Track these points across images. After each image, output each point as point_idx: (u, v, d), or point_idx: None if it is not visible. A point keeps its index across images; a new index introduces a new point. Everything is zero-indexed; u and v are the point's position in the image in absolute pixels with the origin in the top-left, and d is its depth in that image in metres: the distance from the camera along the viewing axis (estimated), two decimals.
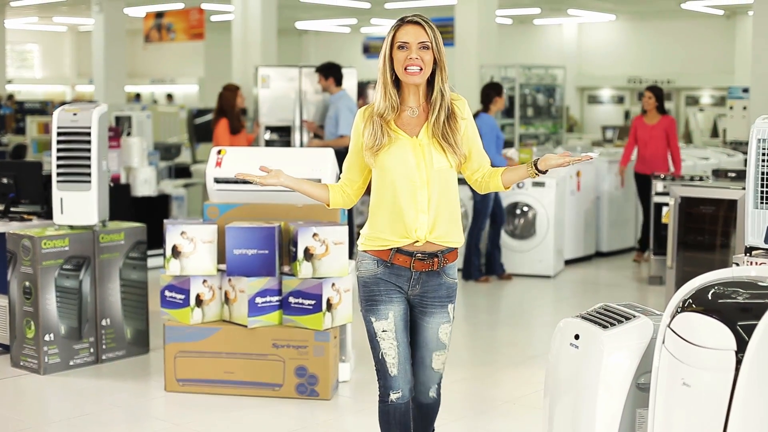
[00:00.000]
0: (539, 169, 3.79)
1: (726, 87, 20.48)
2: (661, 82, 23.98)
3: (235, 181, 6.01)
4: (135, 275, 6.68)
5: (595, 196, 10.94)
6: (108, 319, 6.53)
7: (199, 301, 5.81)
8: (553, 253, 9.86)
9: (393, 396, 3.81)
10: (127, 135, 11.15)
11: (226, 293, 5.85)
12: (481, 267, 9.65)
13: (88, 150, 6.37)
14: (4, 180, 7.07)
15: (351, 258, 6.12)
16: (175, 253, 5.76)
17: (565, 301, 9.16)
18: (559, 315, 8.43)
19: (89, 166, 6.38)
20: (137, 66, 27.35)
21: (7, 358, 6.53)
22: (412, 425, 3.88)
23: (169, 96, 27.33)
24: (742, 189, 7.22)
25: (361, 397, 5.87)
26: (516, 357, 6.97)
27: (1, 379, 6.26)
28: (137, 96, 27.30)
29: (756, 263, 5.04)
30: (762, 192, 5.08)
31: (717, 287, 3.26)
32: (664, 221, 8.90)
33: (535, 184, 9.83)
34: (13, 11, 22.52)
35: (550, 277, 9.84)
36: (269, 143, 10.93)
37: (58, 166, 6.41)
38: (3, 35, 22.09)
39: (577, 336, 3.64)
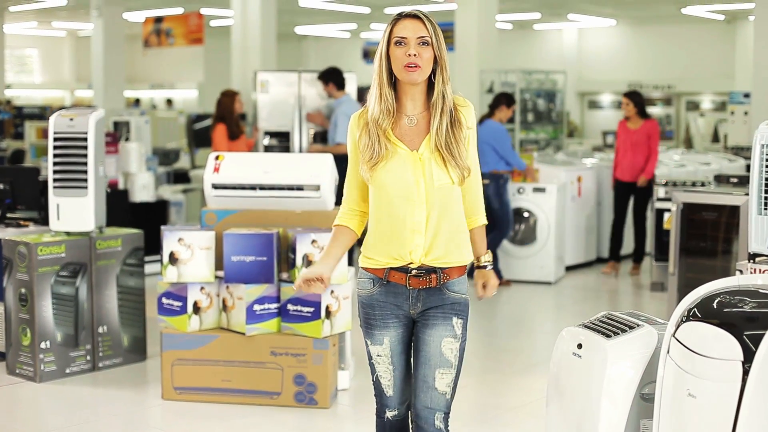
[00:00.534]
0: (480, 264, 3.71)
1: (726, 92, 20.44)
2: (662, 87, 23.98)
3: (234, 187, 5.96)
4: (132, 282, 6.62)
5: (596, 201, 10.88)
6: (105, 327, 6.46)
7: (196, 309, 5.75)
8: (553, 259, 9.81)
9: (389, 414, 3.63)
10: (126, 140, 11.09)
11: (223, 300, 5.79)
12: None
13: (85, 155, 6.31)
14: (1, 185, 7.02)
15: (350, 265, 6.06)
16: (173, 259, 5.70)
17: (567, 307, 9.10)
18: (561, 322, 8.43)
19: (86, 172, 6.32)
20: (136, 71, 27.31)
21: (2, 365, 6.48)
22: None
23: (169, 101, 27.29)
24: (745, 195, 7.19)
25: (360, 405, 5.80)
26: (518, 365, 6.91)
27: None
28: (136, 101, 27.27)
29: (760, 270, 4.97)
30: (766, 198, 5.01)
31: (723, 296, 3.21)
32: (665, 227, 8.84)
33: (536, 190, 9.78)
34: (12, 16, 22.49)
35: (550, 283, 9.78)
36: (268, 148, 10.88)
37: (55, 172, 6.35)
38: (2, 40, 22.04)
39: (580, 345, 3.59)
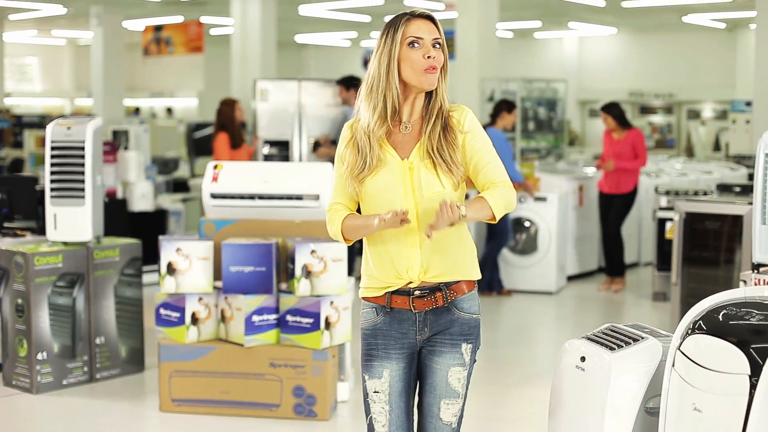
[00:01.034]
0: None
1: (728, 100, 20.43)
2: (663, 96, 23.95)
3: (232, 197, 5.91)
4: (130, 292, 6.56)
5: (598, 210, 10.81)
6: (102, 337, 6.40)
7: (194, 320, 5.69)
8: (555, 269, 9.75)
9: None
10: (125, 149, 11.04)
11: (222, 311, 5.73)
12: (490, 281, 9.53)
13: (82, 165, 6.26)
14: None
15: (350, 275, 6.00)
16: (171, 270, 5.65)
17: (568, 318, 9.04)
18: (562, 332, 8.37)
19: (83, 181, 6.27)
20: (136, 80, 27.28)
21: None
22: None
23: (169, 110, 27.26)
24: (748, 204, 7.14)
25: (359, 417, 5.73)
26: (519, 376, 6.85)
27: None
28: (136, 110, 27.24)
29: (764, 281, 4.91)
30: None
31: (728, 308, 3.16)
32: (667, 236, 8.79)
33: (537, 199, 9.73)
34: (12, 24, 22.46)
35: (552, 293, 9.72)
36: (268, 157, 10.83)
37: (52, 181, 6.30)
38: (2, 49, 22.03)
39: (583, 358, 3.52)
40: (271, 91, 10.87)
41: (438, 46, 3.17)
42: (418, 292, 3.19)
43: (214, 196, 5.97)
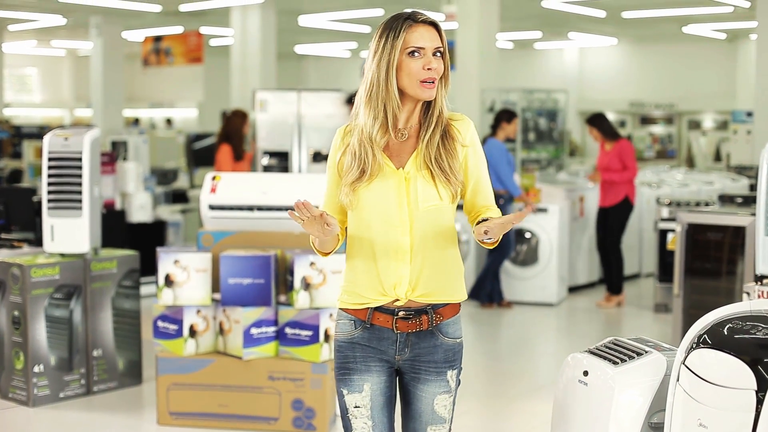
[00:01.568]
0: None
1: (728, 111, 20.41)
2: (663, 106, 23.92)
3: (231, 208, 5.86)
4: (128, 304, 6.50)
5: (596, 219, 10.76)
6: (99, 350, 6.35)
7: (192, 332, 5.64)
8: (556, 280, 9.70)
9: None
10: (123, 160, 11.00)
11: (220, 324, 5.68)
12: (491, 293, 9.48)
13: (80, 176, 6.21)
14: None
15: None
16: (168, 282, 5.60)
17: (569, 329, 8.99)
18: (564, 344, 8.32)
19: (80, 192, 6.22)
20: (136, 90, 27.25)
21: None
22: None
23: (168, 121, 27.23)
24: (751, 215, 7.10)
25: None
26: (521, 388, 6.79)
27: None
28: (136, 120, 27.21)
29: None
30: None
31: (734, 322, 3.10)
32: (669, 248, 8.74)
33: (538, 210, 9.68)
34: (11, 35, 22.44)
35: (553, 304, 9.66)
36: (267, 168, 10.78)
37: (49, 192, 6.25)
38: (1, 59, 22.02)
39: (586, 372, 3.47)
40: (271, 102, 10.82)
41: (439, 54, 3.00)
42: (402, 313, 3.02)
43: (212, 208, 5.92)
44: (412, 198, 2.99)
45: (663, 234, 9.24)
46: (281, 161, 10.77)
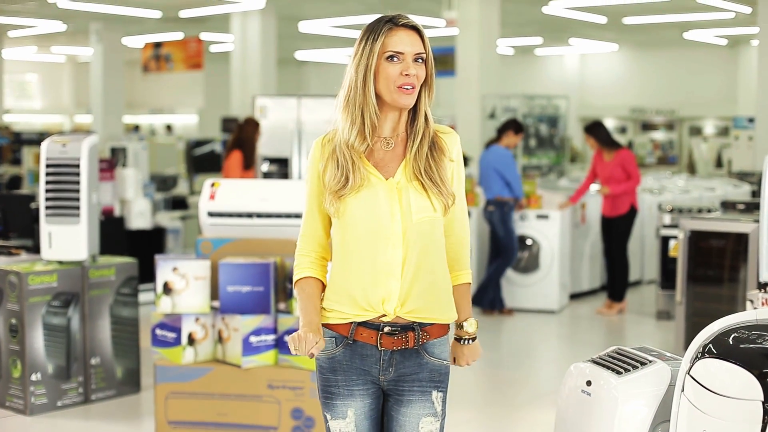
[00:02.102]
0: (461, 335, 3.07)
1: (729, 117, 20.37)
2: (664, 112, 23.89)
3: (230, 215, 5.81)
4: (126, 312, 6.46)
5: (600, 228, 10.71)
6: (98, 358, 6.30)
7: (191, 340, 5.58)
8: (557, 287, 9.64)
9: None
10: (123, 166, 10.96)
11: (219, 332, 5.63)
12: (493, 301, 9.44)
13: (77, 182, 6.17)
14: None
15: None
16: (167, 289, 5.55)
17: (571, 337, 8.94)
18: (566, 352, 8.27)
19: (78, 199, 6.17)
20: (136, 96, 27.23)
21: None
22: None
23: (168, 127, 27.20)
24: (754, 222, 7.05)
25: None
26: (523, 397, 6.74)
27: None
28: (136, 127, 27.17)
29: None
30: None
31: (739, 331, 3.05)
32: (671, 254, 8.70)
33: (539, 217, 9.63)
34: (11, 41, 22.43)
35: (554, 312, 9.61)
36: (267, 175, 10.74)
37: (47, 199, 6.21)
38: (1, 65, 22.01)
39: (589, 382, 3.42)
40: (271, 108, 10.78)
41: (421, 60, 2.89)
42: (388, 329, 2.88)
43: (211, 215, 5.87)
44: (405, 209, 2.87)
45: (665, 241, 9.19)
46: (281, 168, 10.73)
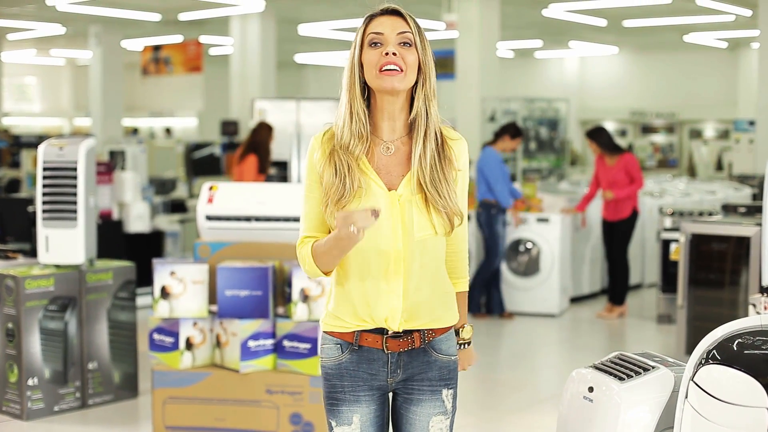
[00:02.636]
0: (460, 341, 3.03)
1: (729, 120, 20.35)
2: (664, 115, 23.86)
3: (228, 219, 5.77)
4: (124, 316, 6.41)
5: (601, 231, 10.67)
6: (95, 362, 6.25)
7: (189, 345, 5.54)
8: (557, 291, 9.60)
9: None
10: (122, 169, 10.92)
11: (217, 336, 5.58)
12: (488, 303, 9.41)
13: (75, 186, 6.12)
14: None
15: None
16: (164, 294, 5.51)
17: (572, 341, 8.89)
18: (566, 356, 8.22)
19: (75, 203, 6.13)
20: (135, 99, 27.18)
21: None
22: None
23: (168, 130, 27.16)
24: (755, 225, 7.01)
25: None
26: (523, 402, 6.70)
27: None
28: (135, 130, 27.14)
29: None
30: None
31: (743, 337, 3.02)
32: (672, 258, 8.65)
33: (539, 220, 9.59)
34: (10, 44, 22.40)
35: (554, 315, 9.57)
36: (267, 178, 10.70)
37: (44, 203, 6.16)
38: (0, 68, 21.98)
39: (591, 388, 3.37)
40: (270, 111, 10.76)
41: (408, 44, 2.71)
42: (392, 333, 2.81)
43: (209, 218, 5.83)
44: (407, 224, 2.75)
45: (666, 244, 9.15)
46: (280, 171, 10.71)
